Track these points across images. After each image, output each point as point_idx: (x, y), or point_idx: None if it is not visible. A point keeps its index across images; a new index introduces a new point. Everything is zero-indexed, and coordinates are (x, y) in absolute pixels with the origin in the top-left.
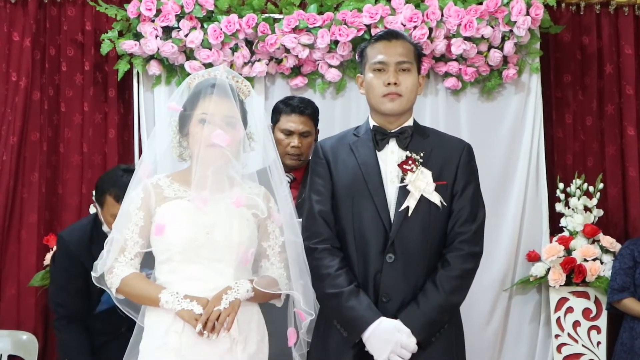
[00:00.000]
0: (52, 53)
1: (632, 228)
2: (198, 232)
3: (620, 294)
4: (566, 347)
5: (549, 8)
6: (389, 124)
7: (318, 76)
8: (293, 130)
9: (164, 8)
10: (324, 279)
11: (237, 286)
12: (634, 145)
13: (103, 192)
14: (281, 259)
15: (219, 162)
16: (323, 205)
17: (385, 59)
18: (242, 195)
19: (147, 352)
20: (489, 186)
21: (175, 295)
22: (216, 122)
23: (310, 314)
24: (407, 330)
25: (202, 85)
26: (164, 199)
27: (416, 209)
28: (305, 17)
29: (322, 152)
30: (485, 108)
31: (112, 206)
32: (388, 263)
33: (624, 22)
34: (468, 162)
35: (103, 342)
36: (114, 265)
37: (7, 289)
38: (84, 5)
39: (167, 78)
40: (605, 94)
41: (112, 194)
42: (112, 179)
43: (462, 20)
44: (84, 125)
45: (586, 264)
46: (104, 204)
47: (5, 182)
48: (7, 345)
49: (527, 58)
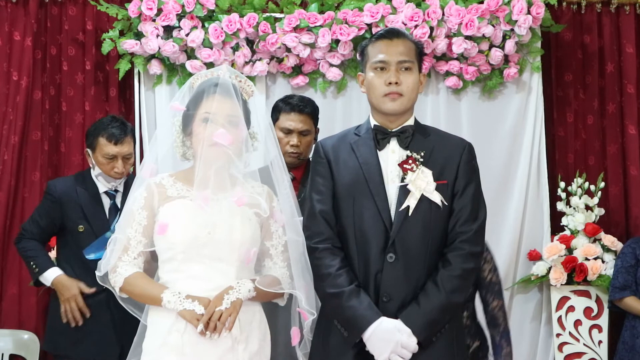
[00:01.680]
0: (53, 52)
1: (633, 227)
2: (200, 232)
3: (622, 292)
4: (567, 346)
5: (550, 7)
6: (390, 123)
7: (319, 75)
8: (292, 129)
9: (165, 7)
10: (325, 279)
11: (239, 286)
12: (635, 143)
13: (96, 136)
14: (284, 258)
15: (221, 161)
16: (324, 204)
17: (387, 58)
18: (244, 194)
19: (150, 350)
20: (490, 185)
21: (177, 296)
22: (219, 121)
23: (312, 313)
24: (407, 330)
25: (205, 85)
26: (167, 198)
27: (417, 208)
28: (306, 16)
29: (323, 152)
30: (487, 107)
31: (105, 146)
32: (389, 263)
33: (625, 20)
34: (469, 161)
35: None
36: (118, 265)
37: (9, 288)
38: (85, 5)
39: (168, 77)
40: (606, 93)
41: (104, 135)
42: (104, 123)
43: (463, 19)
44: (85, 125)
45: (587, 263)
46: (96, 146)
47: (6, 182)
48: (8, 345)
49: (528, 57)
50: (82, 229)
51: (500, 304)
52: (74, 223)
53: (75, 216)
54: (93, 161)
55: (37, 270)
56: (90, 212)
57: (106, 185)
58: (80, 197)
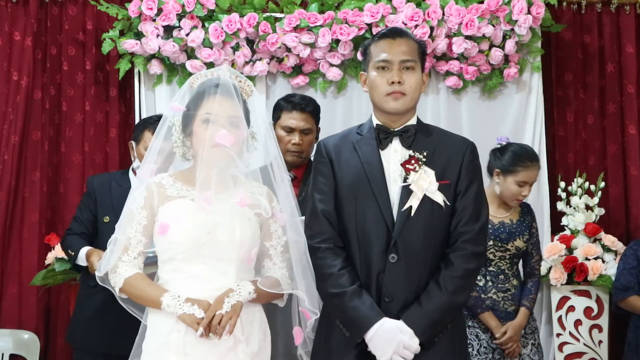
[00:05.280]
0: (54, 52)
1: (633, 226)
2: (200, 232)
3: (624, 292)
4: (568, 345)
5: (550, 7)
6: (392, 122)
7: (319, 75)
8: (294, 127)
9: (165, 7)
10: (327, 279)
11: (239, 288)
12: (635, 143)
13: (143, 129)
14: (284, 258)
15: (223, 161)
16: (326, 204)
17: (389, 57)
18: (245, 194)
19: (150, 350)
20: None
21: (176, 299)
22: (220, 122)
23: (315, 312)
24: (409, 331)
25: (206, 85)
26: (166, 197)
27: (419, 208)
28: (307, 16)
29: (325, 151)
30: (487, 107)
31: (149, 139)
32: (391, 263)
33: (625, 20)
34: (472, 161)
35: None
36: (118, 265)
37: (9, 288)
38: (85, 5)
39: (169, 77)
40: (606, 93)
41: (151, 129)
42: (151, 119)
43: (464, 19)
44: (85, 125)
45: (588, 263)
46: (141, 139)
47: (7, 181)
48: (8, 345)
49: (528, 57)
50: (107, 220)
51: (538, 258)
52: (102, 214)
53: (104, 208)
54: (135, 154)
55: (73, 255)
56: (118, 205)
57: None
58: (113, 191)
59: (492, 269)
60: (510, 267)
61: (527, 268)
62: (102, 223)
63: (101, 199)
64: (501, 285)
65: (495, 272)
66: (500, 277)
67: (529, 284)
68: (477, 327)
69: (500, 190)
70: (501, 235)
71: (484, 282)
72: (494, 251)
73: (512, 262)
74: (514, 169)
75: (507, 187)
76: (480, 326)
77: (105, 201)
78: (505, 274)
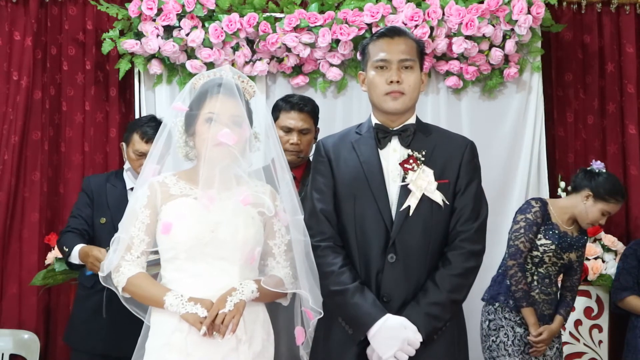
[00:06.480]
0: (54, 52)
1: (633, 226)
2: (203, 231)
3: (623, 292)
4: (568, 345)
5: (550, 7)
6: (391, 122)
7: (319, 75)
8: (292, 127)
9: (165, 7)
10: (328, 276)
11: (242, 287)
12: (635, 143)
13: (132, 131)
14: (287, 257)
15: (226, 160)
16: (325, 204)
17: (388, 56)
18: (249, 193)
19: (153, 350)
20: (490, 185)
21: (179, 298)
22: (223, 121)
23: (318, 312)
24: (413, 327)
25: (209, 85)
26: (169, 196)
27: (417, 208)
28: (307, 16)
29: (324, 150)
30: (487, 107)
31: (137, 143)
32: (389, 263)
33: (625, 20)
34: (471, 160)
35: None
36: (121, 264)
37: (9, 288)
38: (85, 5)
39: (169, 77)
40: (606, 93)
41: (138, 132)
42: (141, 121)
43: (464, 19)
44: (85, 125)
45: (588, 263)
46: (130, 141)
47: (6, 181)
48: (8, 345)
49: (528, 57)
50: (103, 221)
51: (579, 277)
52: (98, 215)
53: (100, 209)
54: (125, 155)
55: (67, 251)
56: (114, 206)
57: (133, 181)
58: (109, 192)
59: (542, 271)
60: (556, 275)
61: (568, 282)
62: (99, 224)
63: (97, 199)
64: (544, 288)
65: (543, 275)
66: (546, 281)
67: (568, 297)
68: (513, 320)
69: (582, 210)
70: (563, 243)
71: (531, 279)
72: (550, 255)
73: (559, 271)
74: (607, 199)
75: (592, 210)
76: (517, 320)
77: (101, 202)
78: (550, 279)
